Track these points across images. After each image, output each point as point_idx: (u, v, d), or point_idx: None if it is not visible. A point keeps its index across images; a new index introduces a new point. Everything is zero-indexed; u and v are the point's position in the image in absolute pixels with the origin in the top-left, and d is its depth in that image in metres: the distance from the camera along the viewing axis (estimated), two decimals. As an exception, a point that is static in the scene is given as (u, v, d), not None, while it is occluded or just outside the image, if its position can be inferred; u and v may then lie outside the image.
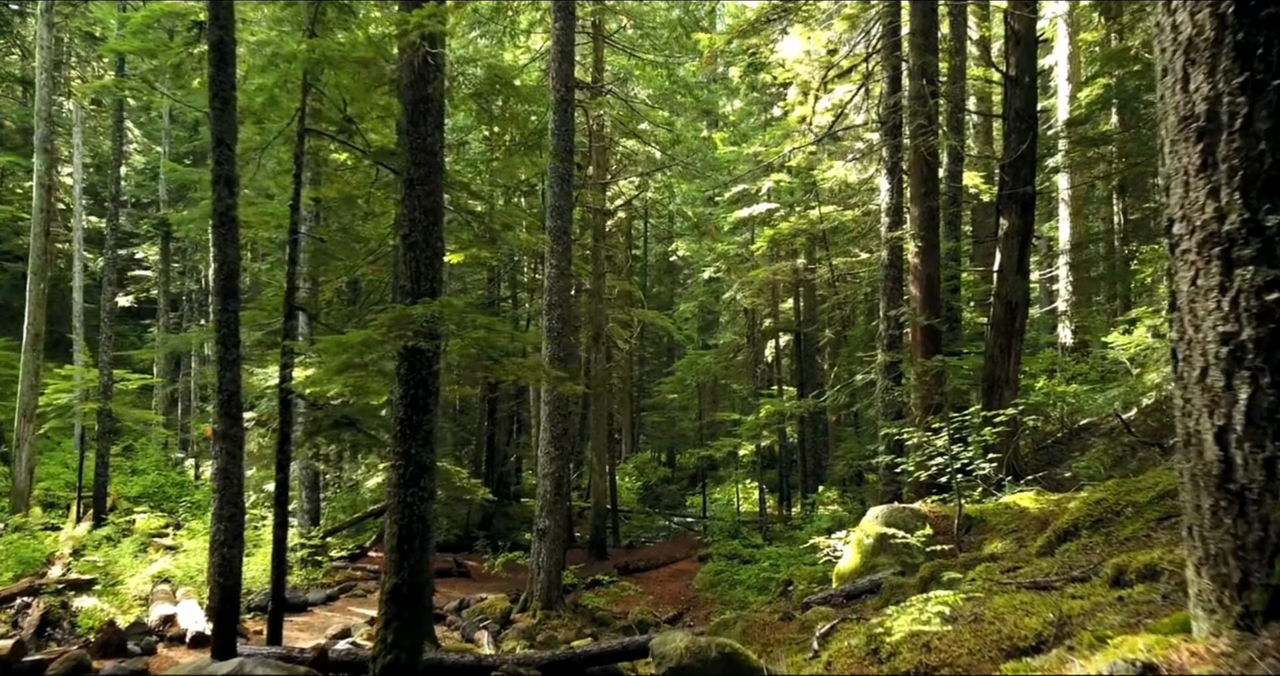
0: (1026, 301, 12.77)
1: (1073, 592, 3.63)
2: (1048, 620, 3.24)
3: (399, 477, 6.96)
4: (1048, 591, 4.02)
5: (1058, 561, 4.92)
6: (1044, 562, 5.08)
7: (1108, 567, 3.69)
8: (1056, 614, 3.24)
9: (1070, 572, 4.49)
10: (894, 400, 13.03)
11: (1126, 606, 3.06)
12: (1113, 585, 3.56)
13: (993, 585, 4.61)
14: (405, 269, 7.14)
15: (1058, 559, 5.07)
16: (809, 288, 25.80)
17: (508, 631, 13.28)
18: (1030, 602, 3.56)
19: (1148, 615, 2.85)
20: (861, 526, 9.06)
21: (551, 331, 14.65)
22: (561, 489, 14.64)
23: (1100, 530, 5.48)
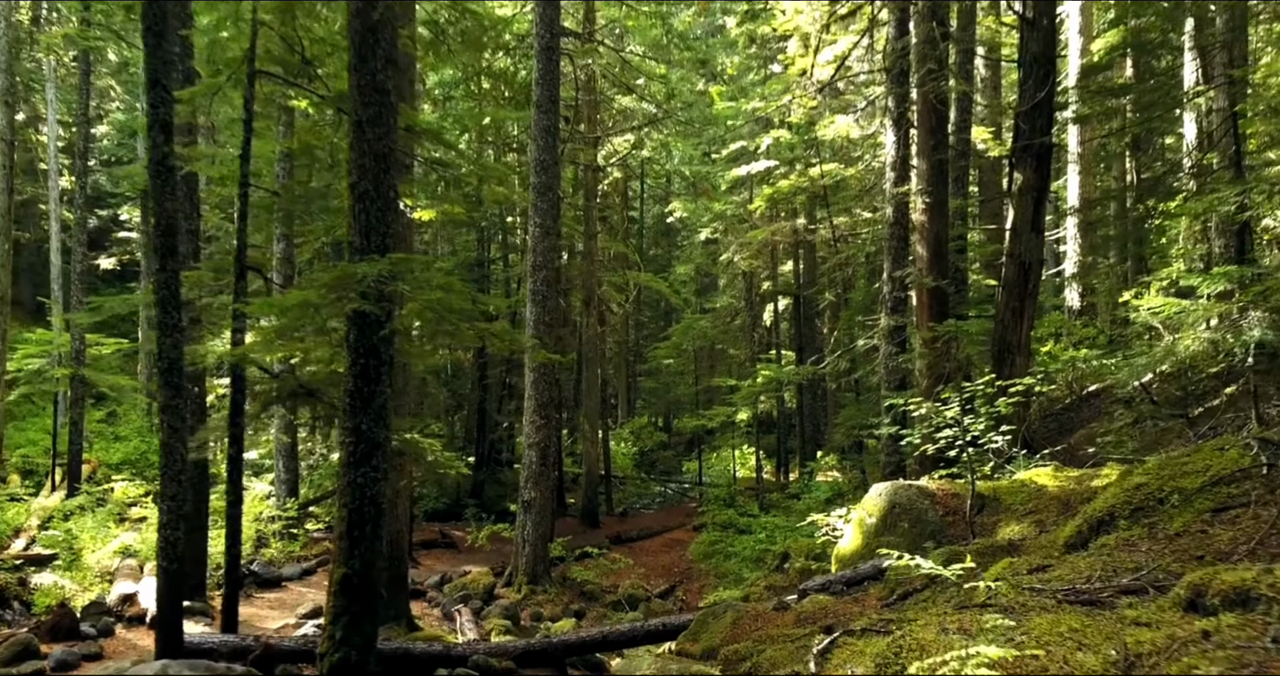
0: (1041, 261, 11.97)
1: (1135, 616, 2.90)
2: (1110, 659, 2.52)
3: (348, 456, 6.24)
4: (1097, 608, 3.30)
5: (1097, 560, 4.19)
6: (1079, 560, 4.35)
7: (1181, 587, 2.96)
8: (1121, 652, 2.51)
9: (1117, 579, 3.76)
10: (897, 367, 12.28)
11: (1220, 649, 2.34)
12: (1188, 609, 2.83)
13: (1021, 592, 3.89)
14: (354, 222, 6.34)
15: (1095, 557, 4.34)
16: (809, 249, 24.95)
17: (490, 608, 12.67)
18: (1082, 630, 2.83)
19: (1259, 669, 2.14)
20: (863, 504, 8.36)
21: (536, 294, 13.86)
22: (547, 459, 13.97)
23: (1141, 521, 4.75)
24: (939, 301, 11.94)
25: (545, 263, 13.84)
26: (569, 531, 20.35)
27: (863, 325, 18.34)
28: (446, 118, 25.29)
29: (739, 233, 24.23)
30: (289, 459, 16.14)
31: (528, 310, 13.95)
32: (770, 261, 25.99)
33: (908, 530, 7.73)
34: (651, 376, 32.35)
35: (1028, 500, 7.49)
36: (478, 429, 26.19)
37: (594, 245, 21.19)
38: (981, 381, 7.76)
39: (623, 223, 33.89)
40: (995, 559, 6.03)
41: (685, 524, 20.87)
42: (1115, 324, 22.12)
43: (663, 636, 7.71)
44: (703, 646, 6.68)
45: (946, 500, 7.86)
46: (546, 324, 13.83)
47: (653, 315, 44.13)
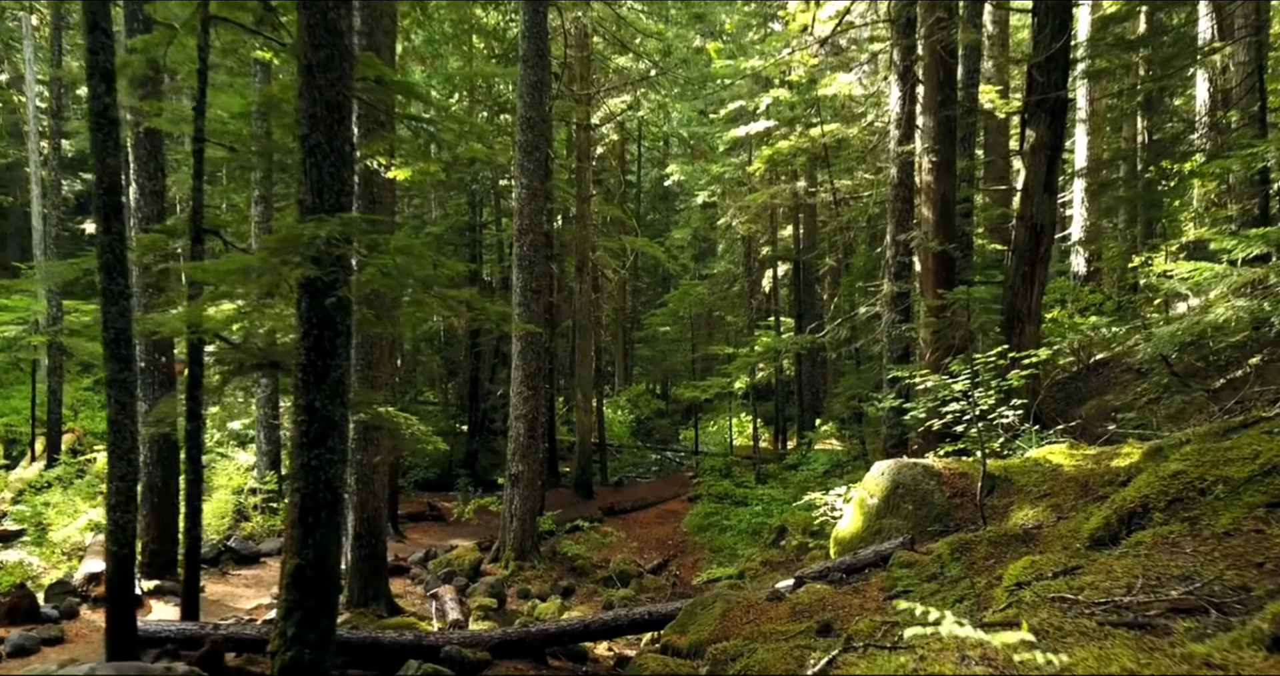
0: (1053, 224, 11.35)
1: (1205, 654, 2.34)
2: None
3: (301, 436, 5.67)
4: (1149, 634, 2.75)
5: (1135, 563, 3.64)
6: (1113, 561, 3.80)
7: (1265, 620, 2.40)
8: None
9: (1164, 590, 3.21)
10: (900, 336, 11.71)
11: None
12: (1273, 647, 2.28)
13: (1051, 607, 3.34)
14: (304, 179, 5.72)
15: (1131, 558, 3.79)
16: (809, 213, 24.25)
17: (476, 585, 12.22)
18: (1139, 672, 2.29)
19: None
20: (864, 484, 7.83)
21: (524, 259, 13.24)
22: (536, 431, 13.44)
23: (1180, 514, 4.20)
24: (945, 267, 11.33)
25: (532, 226, 13.20)
26: (562, 502, 19.92)
27: (864, 291, 17.75)
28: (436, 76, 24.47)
29: (737, 196, 23.52)
30: (270, 430, 15.62)
31: (514, 276, 13.34)
32: (769, 226, 25.31)
33: (912, 512, 7.21)
34: (648, 344, 31.77)
35: (1042, 481, 6.96)
36: (470, 397, 25.70)
37: (587, 208, 20.50)
38: (993, 352, 7.19)
39: (619, 186, 33.09)
40: (1009, 550, 5.50)
41: (680, 494, 20.42)
42: (1123, 290, 21.53)
43: (648, 625, 7.23)
44: (690, 640, 6.18)
45: (953, 480, 7.33)
46: (534, 291, 13.22)
47: (651, 281, 43.49)
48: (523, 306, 13.19)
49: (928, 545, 6.79)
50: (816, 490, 15.19)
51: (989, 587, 4.53)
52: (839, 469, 15.90)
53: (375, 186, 10.26)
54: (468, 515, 14.56)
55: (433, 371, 31.11)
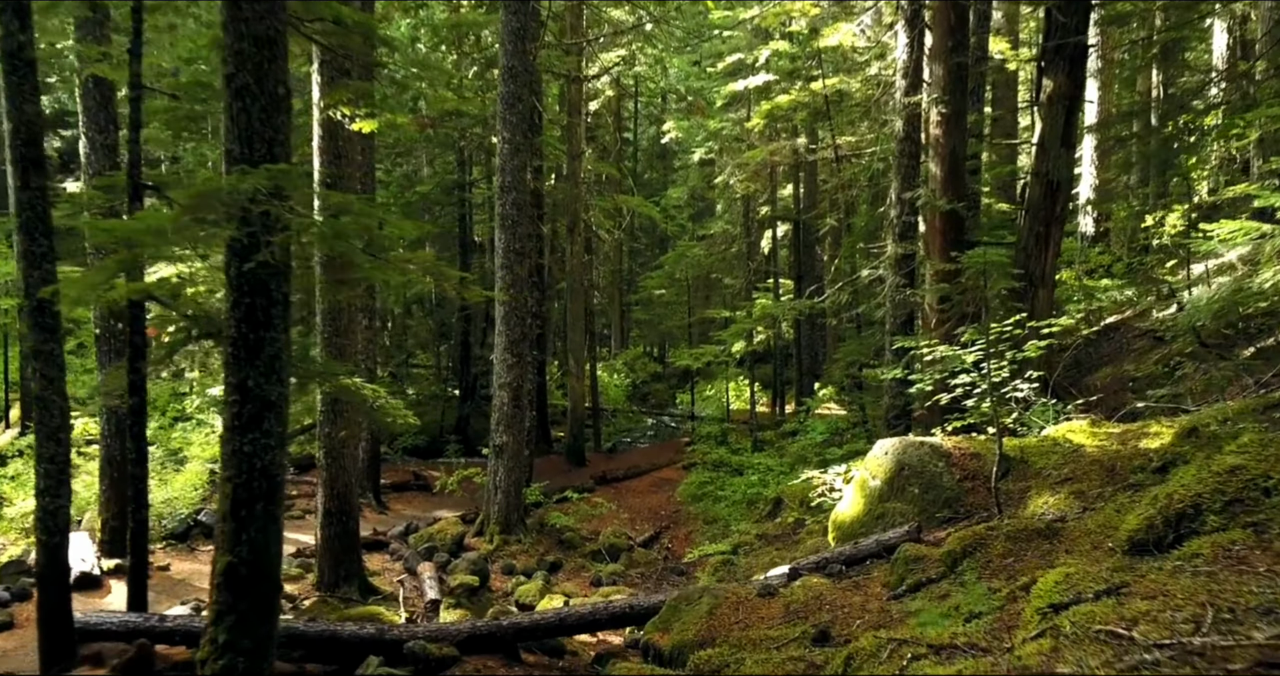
0: (1070, 180, 10.62)
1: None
2: None
3: (232, 419, 5.03)
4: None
5: (1195, 584, 3.00)
6: (1167, 578, 3.17)
7: None
8: None
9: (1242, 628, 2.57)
10: (904, 301, 11.03)
11: None
12: None
13: (1096, 646, 2.71)
14: (230, 125, 5.00)
15: (1189, 576, 3.15)
16: (810, 171, 23.42)
17: (458, 561, 11.67)
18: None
19: None
20: (866, 463, 7.21)
21: (506, 219, 12.50)
22: (521, 400, 12.82)
23: (1242, 519, 3.57)
24: (954, 227, 10.61)
25: (516, 183, 12.43)
26: (553, 470, 19.39)
27: (866, 253, 17.03)
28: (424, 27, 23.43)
29: (735, 153, 22.66)
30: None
31: (496, 236, 12.61)
32: (769, 184, 24.47)
33: (918, 497, 6.59)
34: (643, 308, 31.02)
35: (1062, 463, 6.33)
36: (461, 361, 25.07)
37: (578, 166, 19.66)
38: (1010, 321, 6.52)
39: (615, 143, 32.13)
40: (1030, 547, 4.88)
41: (675, 461, 19.88)
42: (1134, 251, 20.79)
43: (628, 619, 6.65)
44: (673, 640, 5.59)
45: (964, 461, 6.70)
46: (518, 252, 12.50)
47: (648, 242, 42.67)
48: (505, 268, 12.48)
49: (935, 534, 6.18)
50: (814, 461, 14.63)
51: (1012, 600, 3.91)
52: (838, 437, 15.32)
53: (341, 140, 9.51)
54: (452, 486, 13.99)
55: (424, 334, 30.43)
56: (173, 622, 6.83)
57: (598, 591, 11.31)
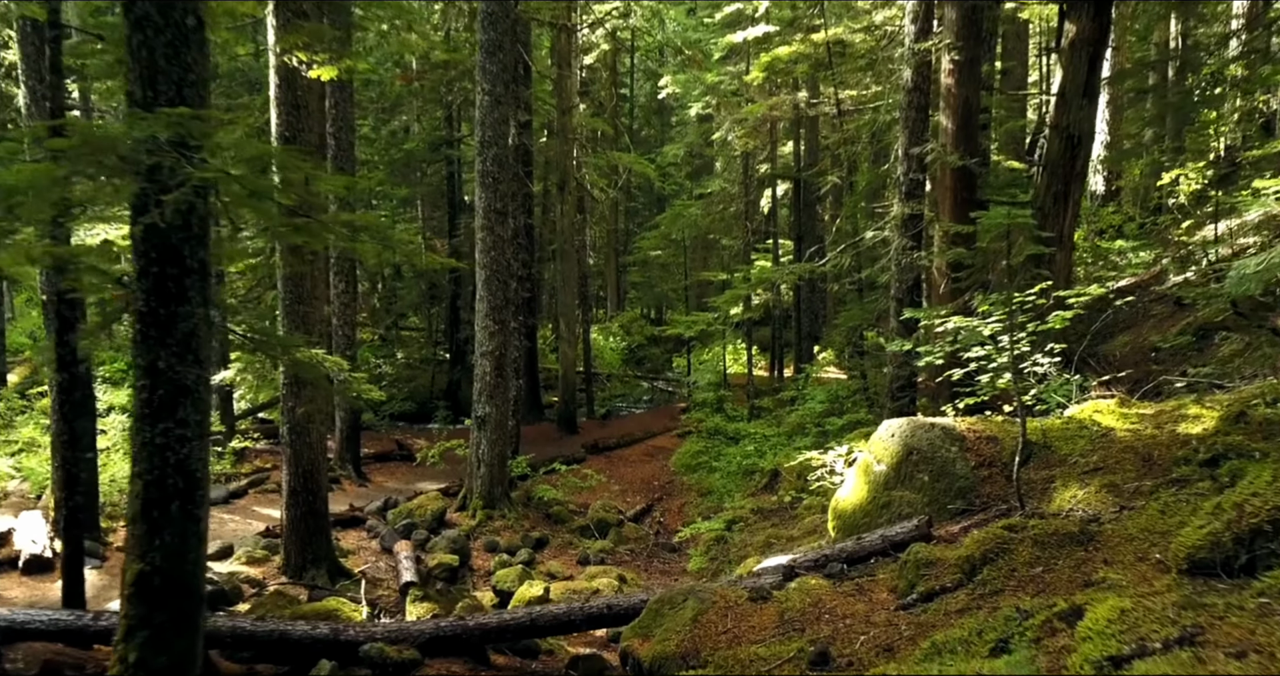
0: (1092, 134, 9.86)
1: None
2: None
3: (143, 406, 4.36)
4: None
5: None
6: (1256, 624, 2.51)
7: None
8: None
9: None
10: (911, 264, 10.29)
11: None
12: None
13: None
14: (131, 63, 4.26)
15: None
16: (811, 127, 22.52)
17: (438, 539, 11.10)
18: None
19: None
20: (871, 446, 6.55)
21: (486, 176, 11.72)
22: (504, 369, 12.15)
23: (1339, 542, 2.90)
24: (965, 185, 9.86)
25: (496, 138, 11.63)
26: (544, 438, 18.81)
27: (869, 213, 16.26)
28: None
29: (734, 108, 21.72)
30: (224, 365, 14.31)
31: (477, 195, 11.85)
32: (769, 141, 23.58)
33: (928, 485, 5.94)
34: (638, 269, 30.21)
35: (1090, 449, 5.67)
36: (451, 325, 24.38)
37: (569, 121, 18.77)
38: (1035, 290, 5.82)
39: (611, 99, 31.16)
40: (1063, 556, 4.23)
41: (670, 428, 19.30)
42: (1147, 210, 20.00)
43: (606, 620, 6.04)
44: (654, 650, 4.97)
45: (979, 445, 6.04)
46: (499, 212, 11.74)
47: (646, 201, 41.78)
48: (486, 230, 11.73)
49: (948, 528, 5.55)
50: (813, 431, 14.02)
51: (1049, 631, 3.26)
52: (838, 406, 14.69)
53: (299, 89, 8.71)
54: (433, 459, 13.38)
55: (415, 296, 29.67)
56: (108, 620, 6.22)
57: (585, 570, 10.77)
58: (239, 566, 9.24)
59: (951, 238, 9.71)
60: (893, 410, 10.47)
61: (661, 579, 10.73)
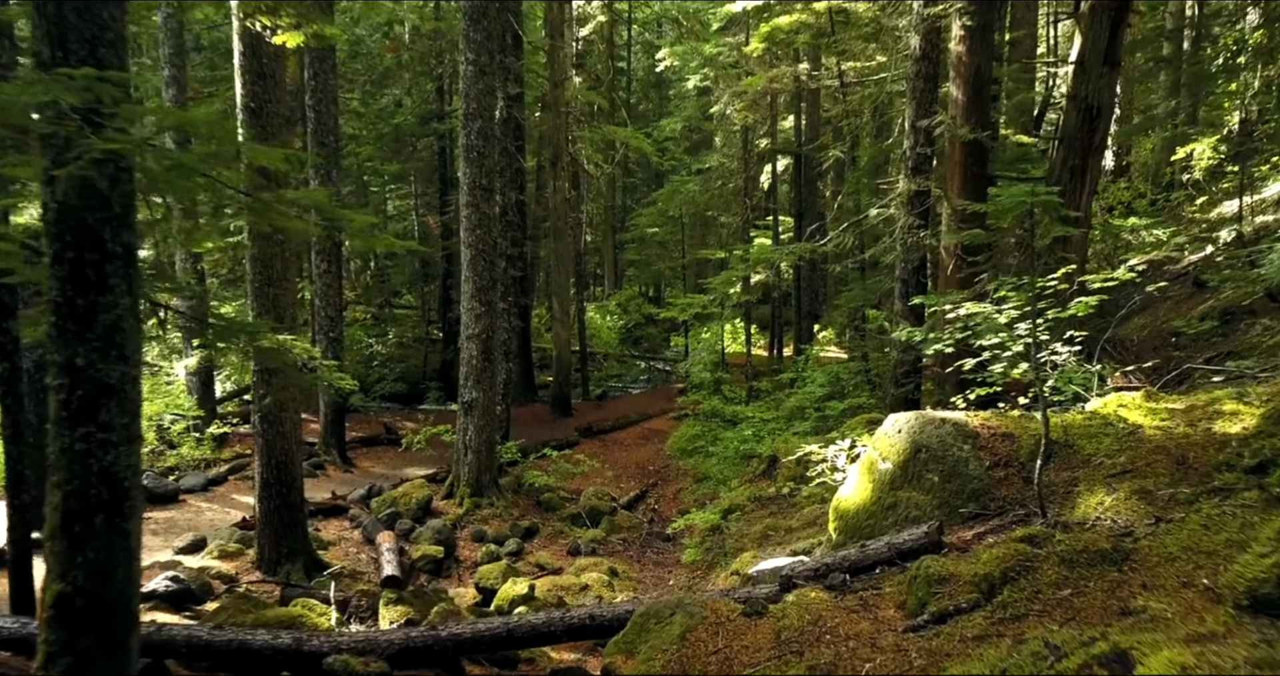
0: (1112, 105, 9.30)
1: None
2: None
3: (60, 408, 3.88)
4: None
5: None
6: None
7: None
8: None
9: None
10: (917, 244, 9.78)
11: None
12: None
13: None
14: (39, 19, 3.74)
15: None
16: (812, 100, 21.87)
17: (422, 529, 10.68)
18: None
19: None
20: (875, 442, 6.08)
21: (471, 150, 11.17)
22: (492, 353, 11.67)
23: None
24: (976, 159, 9.32)
25: (480, 110, 11.07)
26: (537, 421, 18.39)
27: (873, 190, 15.70)
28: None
29: (732, 80, 21.07)
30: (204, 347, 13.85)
31: (461, 170, 11.31)
32: (769, 115, 22.95)
33: (938, 486, 5.47)
34: (635, 247, 29.60)
35: (1116, 449, 5.20)
36: (443, 303, 23.86)
37: (562, 94, 18.16)
38: (1059, 273, 5.33)
39: (608, 72, 30.49)
40: (1094, 578, 3.76)
41: (667, 410, 18.86)
42: (1158, 187, 19.44)
43: (588, 632, 5.59)
44: (638, 670, 4.53)
45: (993, 443, 5.56)
46: (484, 188, 11.20)
47: (644, 177, 41.12)
48: (471, 207, 11.20)
49: (960, 534, 5.09)
50: (812, 416, 13.57)
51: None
52: (839, 389, 14.23)
53: (265, 56, 8.15)
54: (419, 444, 12.92)
55: (408, 273, 29.12)
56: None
57: (574, 562, 10.36)
58: (210, 561, 8.80)
59: (961, 216, 9.18)
60: (897, 397, 10.01)
61: (654, 571, 10.32)
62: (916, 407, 10.27)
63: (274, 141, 8.29)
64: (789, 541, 9.54)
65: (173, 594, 7.31)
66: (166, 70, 13.18)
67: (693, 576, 9.91)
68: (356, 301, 29.50)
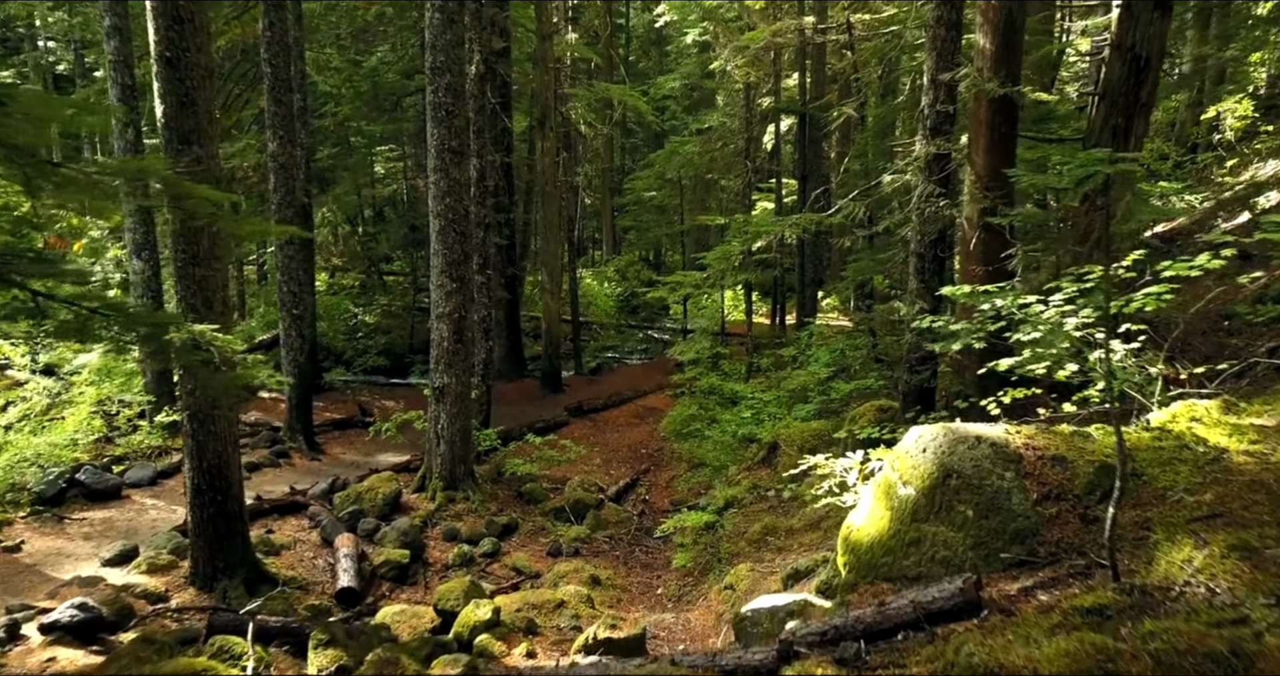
0: (1162, 55, 8.12)
1: None
2: None
3: None
4: None
5: None
6: None
7: None
8: None
9: None
10: (936, 214, 8.65)
11: None
12: None
13: None
14: None
15: None
16: (818, 57, 20.55)
17: (388, 528, 9.75)
18: None
19: None
20: (894, 460, 5.05)
21: (439, 109, 10.02)
22: (465, 333, 10.63)
23: None
24: (1007, 117, 8.16)
25: (449, 63, 9.90)
26: (525, 398, 17.42)
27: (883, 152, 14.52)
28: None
29: (733, 34, 19.75)
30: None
31: (429, 132, 10.17)
32: (772, 71, 21.61)
33: (972, 522, 4.46)
34: (630, 212, 28.37)
35: (1199, 481, 4.16)
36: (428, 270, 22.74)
37: (550, 48, 16.89)
38: (1128, 260, 4.28)
39: (605, 28, 29.04)
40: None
41: (663, 385, 17.87)
42: (1183, 149, 18.20)
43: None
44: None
45: (1042, 469, 4.53)
46: (455, 151, 10.07)
47: (646, 137, 39.75)
48: (440, 172, 10.09)
49: (1002, 587, 4.08)
50: (815, 402, 12.55)
51: None
52: (845, 371, 13.18)
53: None
54: (388, 432, 11.93)
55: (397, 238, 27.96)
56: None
57: (554, 566, 9.44)
58: (138, 576, 7.85)
59: (987, 182, 8.07)
60: (911, 385, 8.98)
61: (642, 576, 9.39)
62: (932, 398, 9.24)
63: (198, 96, 7.18)
64: (789, 548, 8.58)
65: (79, 624, 6.36)
66: (107, 19, 11.96)
67: (683, 584, 8.97)
68: (344, 268, 28.42)
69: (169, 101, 7.10)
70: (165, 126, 7.16)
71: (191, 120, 7.16)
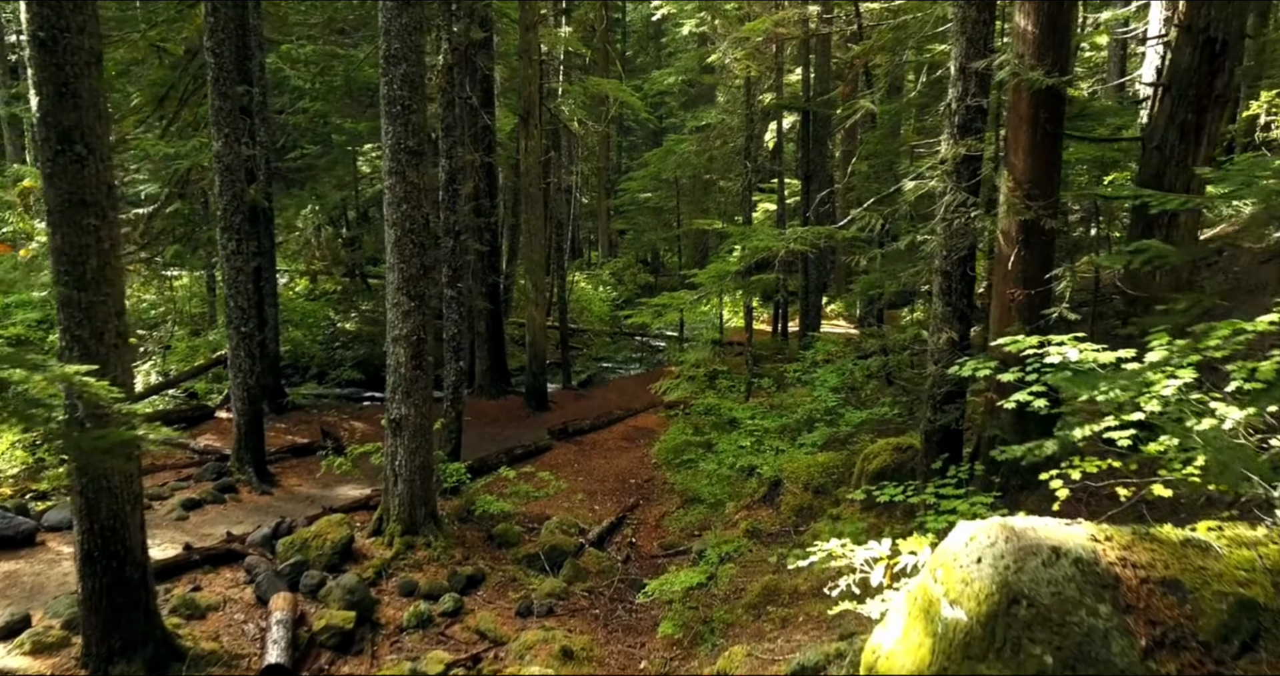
0: (1242, 38, 6.88)
1: None
2: None
3: None
4: None
5: None
6: None
7: None
8: None
9: None
10: (966, 227, 7.41)
11: None
12: None
13: None
14: None
15: None
16: (822, 49, 19.32)
17: (334, 583, 8.50)
18: None
19: None
20: (938, 565, 3.77)
21: (394, 103, 8.77)
22: (423, 358, 9.38)
23: None
24: (1051, 113, 6.89)
25: (405, 51, 8.65)
26: (508, 417, 16.18)
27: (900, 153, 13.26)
28: None
29: (733, 25, 18.51)
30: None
31: (383, 129, 8.92)
32: (774, 65, 20.34)
33: (1052, 672, 3.19)
34: (627, 215, 27.09)
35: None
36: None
37: (534, 39, 15.63)
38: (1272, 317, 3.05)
39: (601, 21, 27.82)
40: None
41: (657, 402, 16.61)
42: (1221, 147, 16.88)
43: None
44: None
45: (1148, 600, 3.27)
46: (411, 151, 8.82)
47: (644, 135, 38.55)
48: (396, 175, 8.85)
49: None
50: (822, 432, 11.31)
51: None
52: (854, 394, 11.94)
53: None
54: (343, 467, 10.67)
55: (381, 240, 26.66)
56: None
57: (523, 630, 8.22)
58: (19, 657, 6.61)
59: (1028, 189, 6.82)
60: (936, 427, 7.73)
61: (623, 644, 8.16)
62: (959, 442, 7.98)
63: (80, 86, 5.95)
64: (794, 619, 7.33)
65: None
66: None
67: (670, 657, 7.73)
68: (325, 272, 27.19)
69: (45, 91, 5.88)
70: (41, 122, 5.93)
71: (73, 114, 5.93)
